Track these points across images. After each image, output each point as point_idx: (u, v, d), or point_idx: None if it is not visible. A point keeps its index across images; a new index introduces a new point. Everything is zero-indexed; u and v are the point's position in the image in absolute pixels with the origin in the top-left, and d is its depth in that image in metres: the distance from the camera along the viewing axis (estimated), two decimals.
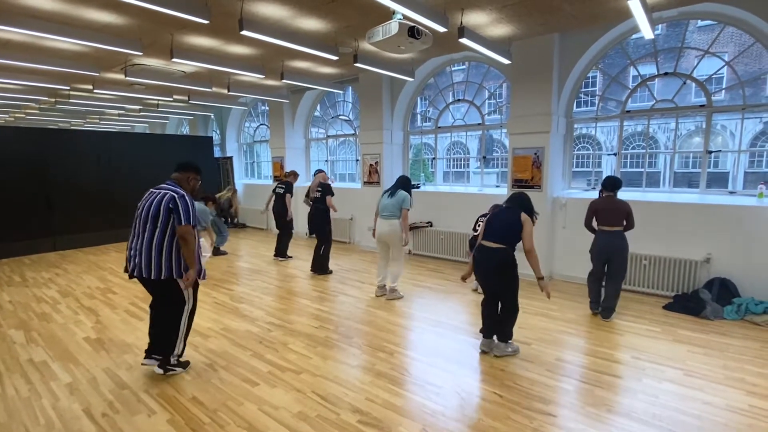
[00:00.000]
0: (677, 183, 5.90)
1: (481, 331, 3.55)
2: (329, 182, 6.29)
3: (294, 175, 7.14)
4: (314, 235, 6.16)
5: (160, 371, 3.12)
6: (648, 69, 5.91)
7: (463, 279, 3.63)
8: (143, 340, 3.79)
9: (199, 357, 3.47)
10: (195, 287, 3.19)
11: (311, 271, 6.08)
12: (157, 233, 2.91)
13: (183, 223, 2.91)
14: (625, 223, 4.12)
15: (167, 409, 2.73)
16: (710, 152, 5.05)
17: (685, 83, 5.13)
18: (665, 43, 13.96)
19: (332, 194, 6.04)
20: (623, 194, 5.43)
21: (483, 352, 3.49)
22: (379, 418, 2.61)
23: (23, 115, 11.46)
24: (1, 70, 6.45)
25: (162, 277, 2.91)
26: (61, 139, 8.15)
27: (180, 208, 2.92)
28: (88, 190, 8.23)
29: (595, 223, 4.26)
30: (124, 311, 4.59)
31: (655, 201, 5.01)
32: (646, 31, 4.14)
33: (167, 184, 3.06)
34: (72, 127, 13.52)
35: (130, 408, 2.74)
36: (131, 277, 3.00)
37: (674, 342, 3.71)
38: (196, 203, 5.54)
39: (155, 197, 2.97)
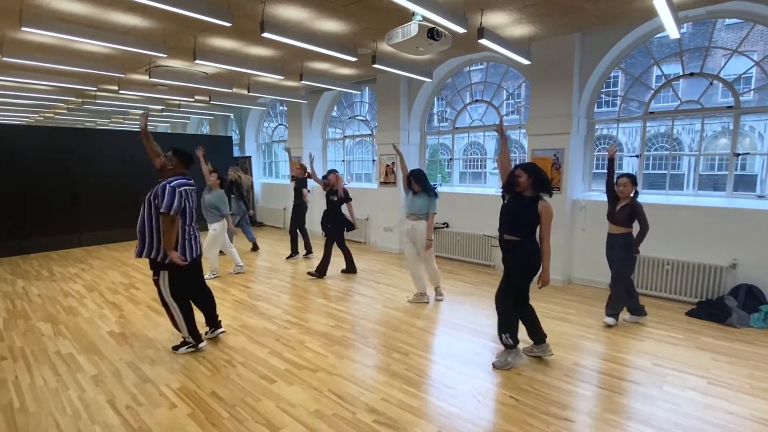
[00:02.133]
0: (702, 186, 5.74)
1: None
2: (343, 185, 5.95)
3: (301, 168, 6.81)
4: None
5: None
6: (672, 69, 5.77)
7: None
8: (164, 335, 3.90)
9: (218, 353, 3.54)
10: (185, 274, 3.46)
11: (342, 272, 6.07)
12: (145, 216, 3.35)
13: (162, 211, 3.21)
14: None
15: (188, 403, 2.80)
16: (737, 155, 4.90)
17: (711, 83, 4.99)
18: (690, 42, 13.59)
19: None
20: (646, 197, 5.34)
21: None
22: (394, 419, 2.62)
23: (52, 115, 11.86)
24: (33, 72, 6.69)
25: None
26: (88, 138, 8.41)
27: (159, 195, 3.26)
28: (112, 188, 8.46)
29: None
30: (147, 307, 4.71)
31: (680, 204, 4.90)
32: (672, 31, 4.04)
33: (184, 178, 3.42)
34: (98, 127, 13.93)
35: (152, 401, 2.82)
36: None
37: (697, 349, 3.61)
38: (217, 191, 5.65)
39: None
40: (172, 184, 3.27)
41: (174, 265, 3.29)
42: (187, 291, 3.55)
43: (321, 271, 5.79)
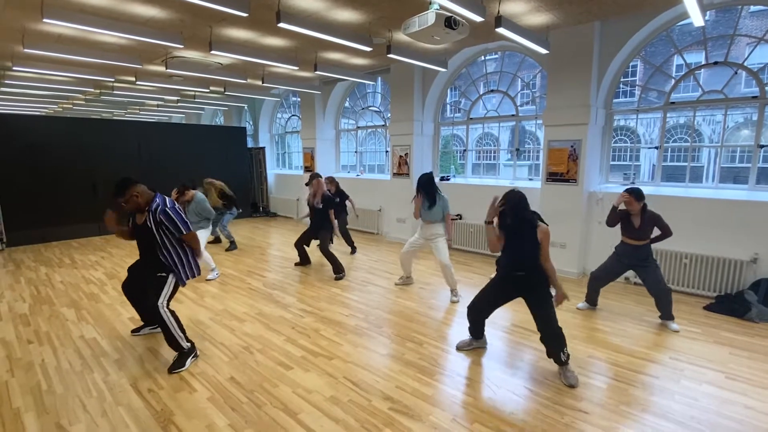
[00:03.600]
0: (722, 178, 5.59)
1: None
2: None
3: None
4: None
5: None
6: (693, 58, 5.61)
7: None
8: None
9: (236, 340, 3.61)
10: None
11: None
12: None
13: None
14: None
15: (207, 387, 2.87)
16: (762, 146, 4.77)
17: (736, 73, 4.85)
18: (713, 29, 13.15)
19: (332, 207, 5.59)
20: (665, 190, 5.24)
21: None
22: (409, 406, 2.66)
23: (70, 106, 12.06)
24: (53, 63, 6.81)
25: None
26: (105, 128, 8.55)
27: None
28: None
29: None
30: None
31: (700, 197, 4.80)
32: (696, 18, 3.93)
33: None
34: (114, 117, 14.14)
35: (173, 385, 2.90)
36: None
37: (715, 344, 3.57)
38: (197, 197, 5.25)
39: None
40: (164, 208, 3.08)
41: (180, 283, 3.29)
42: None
43: (339, 270, 5.46)
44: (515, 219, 2.97)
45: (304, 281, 5.34)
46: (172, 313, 3.19)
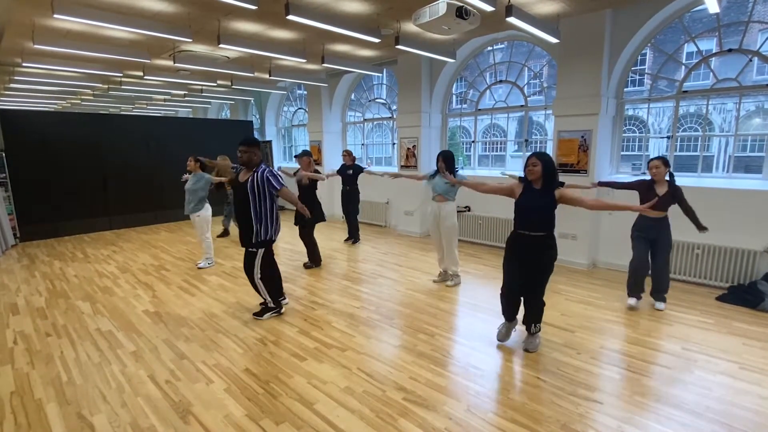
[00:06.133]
0: (734, 168, 5.51)
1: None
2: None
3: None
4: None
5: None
6: (704, 45, 5.51)
7: None
8: (196, 315, 4.05)
9: (249, 332, 3.66)
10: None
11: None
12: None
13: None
14: None
15: (224, 378, 2.91)
16: None
17: (751, 60, 4.76)
18: (724, 16, 12.92)
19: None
20: (678, 179, 5.18)
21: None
22: (423, 397, 2.68)
23: (79, 101, 12.13)
24: (62, 59, 6.84)
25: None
26: (114, 123, 8.60)
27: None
28: (138, 172, 8.68)
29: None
30: (178, 287, 4.87)
31: (713, 187, 4.75)
32: (711, 5, 3.86)
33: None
34: (122, 112, 14.20)
35: (190, 376, 2.95)
36: None
37: (729, 334, 3.56)
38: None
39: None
40: (266, 171, 3.66)
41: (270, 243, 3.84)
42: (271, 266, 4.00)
43: (315, 261, 5.58)
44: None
45: (314, 274, 5.38)
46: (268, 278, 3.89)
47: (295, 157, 5.74)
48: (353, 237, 7.05)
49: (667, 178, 3.91)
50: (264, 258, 3.84)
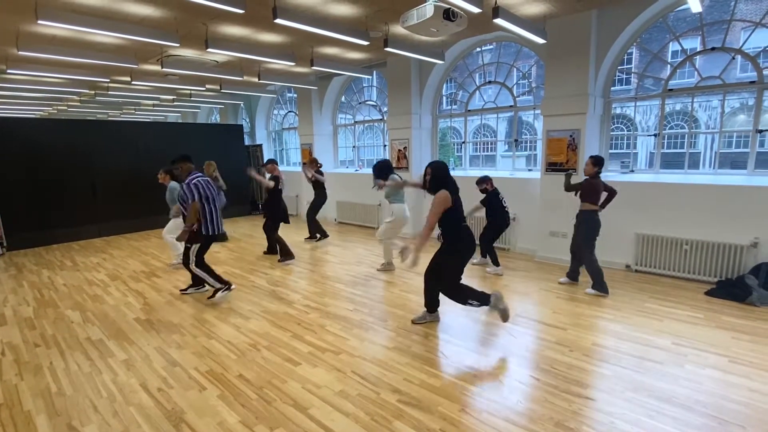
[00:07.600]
0: (720, 164, 5.62)
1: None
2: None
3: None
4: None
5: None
6: (688, 44, 5.61)
7: None
8: (188, 321, 4.01)
9: (242, 337, 3.63)
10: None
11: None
12: None
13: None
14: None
15: (216, 385, 2.89)
16: (760, 131, 4.78)
17: (734, 58, 4.85)
18: (707, 15, 13.13)
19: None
20: (664, 177, 5.27)
21: None
22: (418, 398, 2.68)
23: (65, 108, 11.99)
24: (48, 65, 6.76)
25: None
26: (102, 129, 8.50)
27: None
28: (127, 179, 8.58)
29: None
30: (169, 294, 4.82)
31: (699, 183, 4.82)
32: (694, 5, 3.93)
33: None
34: (110, 118, 14.06)
35: (182, 384, 2.92)
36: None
37: (718, 328, 3.61)
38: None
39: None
40: (189, 182, 4.28)
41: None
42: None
43: (286, 254, 6.00)
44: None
45: (307, 278, 5.36)
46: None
47: (263, 165, 6.43)
48: (312, 236, 7.34)
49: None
50: (199, 252, 4.43)
